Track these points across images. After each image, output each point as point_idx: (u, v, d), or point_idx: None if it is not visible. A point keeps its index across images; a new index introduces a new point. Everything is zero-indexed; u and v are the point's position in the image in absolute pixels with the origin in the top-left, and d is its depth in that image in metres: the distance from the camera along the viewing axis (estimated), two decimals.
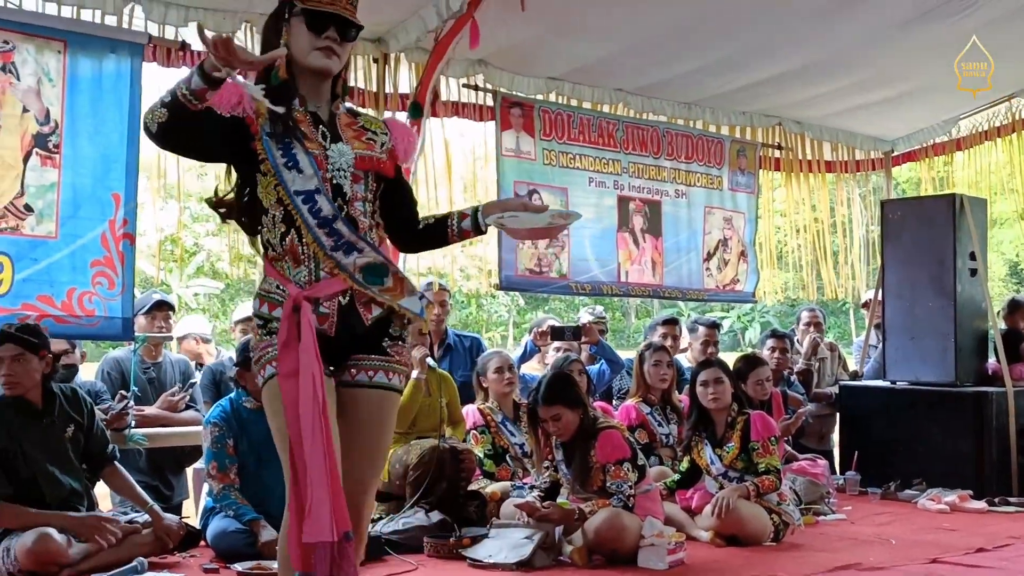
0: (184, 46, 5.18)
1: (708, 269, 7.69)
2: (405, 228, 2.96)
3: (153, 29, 5.07)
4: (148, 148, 5.05)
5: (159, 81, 5.12)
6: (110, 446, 4.44)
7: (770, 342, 6.90)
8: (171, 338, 5.14)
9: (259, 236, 2.78)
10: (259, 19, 5.28)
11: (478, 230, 2.89)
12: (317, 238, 2.69)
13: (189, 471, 5.59)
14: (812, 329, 7.44)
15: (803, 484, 5.67)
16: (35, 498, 4.07)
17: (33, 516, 3.99)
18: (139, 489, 4.44)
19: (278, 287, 2.72)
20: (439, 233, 2.95)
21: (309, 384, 2.56)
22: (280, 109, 2.63)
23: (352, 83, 5.87)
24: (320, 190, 2.69)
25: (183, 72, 5.13)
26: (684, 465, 5.22)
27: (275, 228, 2.71)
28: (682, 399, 5.88)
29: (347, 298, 2.72)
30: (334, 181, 2.71)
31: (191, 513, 5.32)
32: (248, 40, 5.38)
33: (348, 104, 2.91)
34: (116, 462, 4.45)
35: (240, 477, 4.55)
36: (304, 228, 2.70)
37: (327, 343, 2.67)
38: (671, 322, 6.89)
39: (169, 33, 5.16)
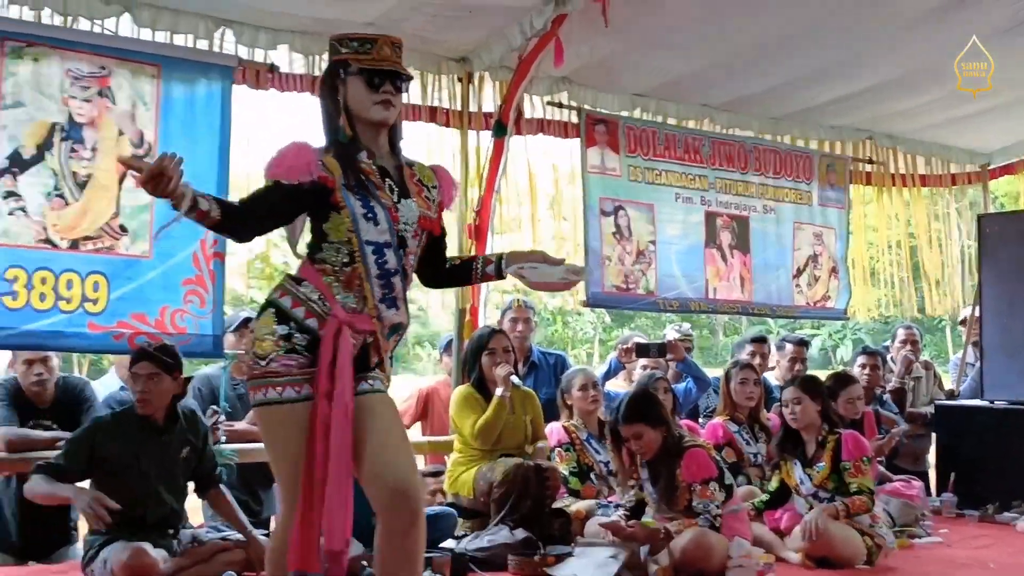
0: (272, 68, 5.28)
1: (798, 286, 7.56)
2: (435, 268, 3.23)
3: (243, 52, 5.19)
4: (237, 168, 5.21)
5: (248, 103, 5.27)
6: (218, 468, 4.53)
7: (861, 359, 6.75)
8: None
9: (306, 246, 2.99)
10: None
11: (500, 276, 3.17)
12: (372, 287, 2.92)
13: (277, 486, 5.65)
14: (907, 347, 7.26)
15: (897, 506, 5.53)
16: (137, 515, 4.16)
17: (59, 488, 4.05)
18: (241, 514, 4.50)
19: (320, 299, 2.88)
20: (463, 274, 3.28)
21: (343, 407, 2.79)
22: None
23: (436, 103, 5.95)
24: (391, 244, 2.93)
25: (272, 94, 5.29)
26: (773, 484, 5.12)
27: (338, 255, 2.92)
28: (770, 417, 5.79)
29: (371, 339, 2.95)
30: (400, 235, 2.93)
31: None
32: None
33: (404, 155, 3.10)
34: (221, 484, 4.53)
35: None
36: (364, 275, 2.91)
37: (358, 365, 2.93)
38: (759, 340, 6.80)
39: (258, 56, 5.26)
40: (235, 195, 5.15)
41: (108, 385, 5.61)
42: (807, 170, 7.59)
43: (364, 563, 4.01)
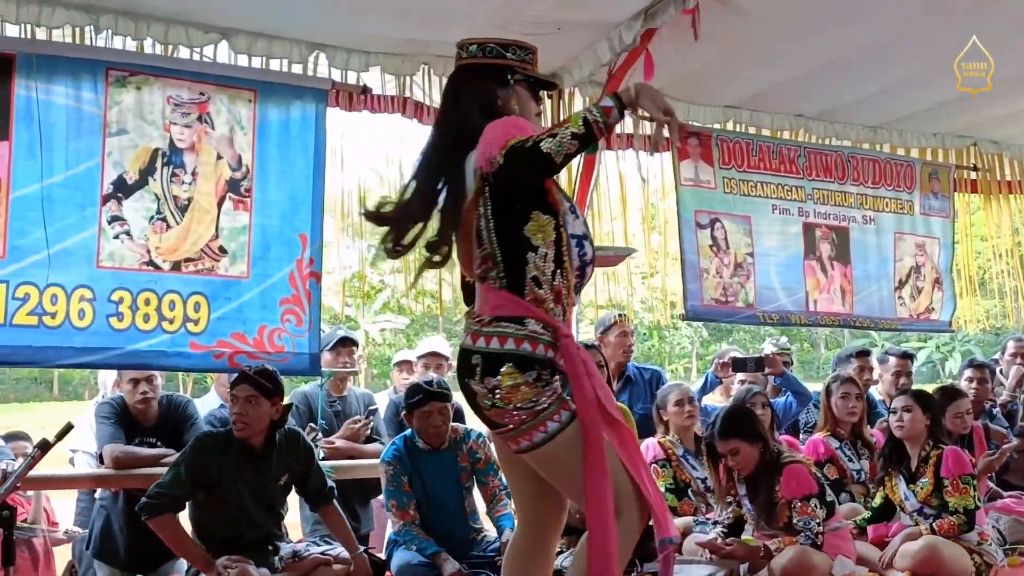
0: (365, 90, 5.36)
1: (900, 297, 7.36)
2: None
3: (336, 75, 5.29)
4: (332, 189, 5.30)
5: (341, 125, 5.36)
6: (328, 484, 4.58)
7: (968, 372, 6.53)
8: (356, 372, 5.31)
9: (495, 276, 2.83)
10: (436, 60, 5.47)
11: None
12: (571, 280, 2.86)
13: (375, 502, 5.72)
14: (1019, 359, 7.01)
15: (1008, 523, 5.33)
16: (233, 535, 4.25)
17: (186, 543, 4.19)
18: (351, 532, 4.58)
19: (544, 328, 2.78)
20: None
21: (614, 410, 2.80)
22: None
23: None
24: (588, 235, 2.91)
25: (364, 116, 5.36)
26: (877, 500, 5.00)
27: (545, 265, 2.80)
28: (874, 433, 5.64)
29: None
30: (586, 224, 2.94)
31: (377, 544, 5.44)
32: (425, 81, 5.55)
33: None
34: (334, 500, 4.59)
35: (421, 518, 4.65)
36: (569, 269, 2.84)
37: None
38: (863, 354, 6.65)
39: (351, 78, 5.35)
40: (329, 216, 5.31)
41: (209, 403, 5.77)
42: (908, 179, 7.41)
43: None
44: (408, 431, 4.83)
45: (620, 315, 6.21)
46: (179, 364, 4.77)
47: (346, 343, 5.56)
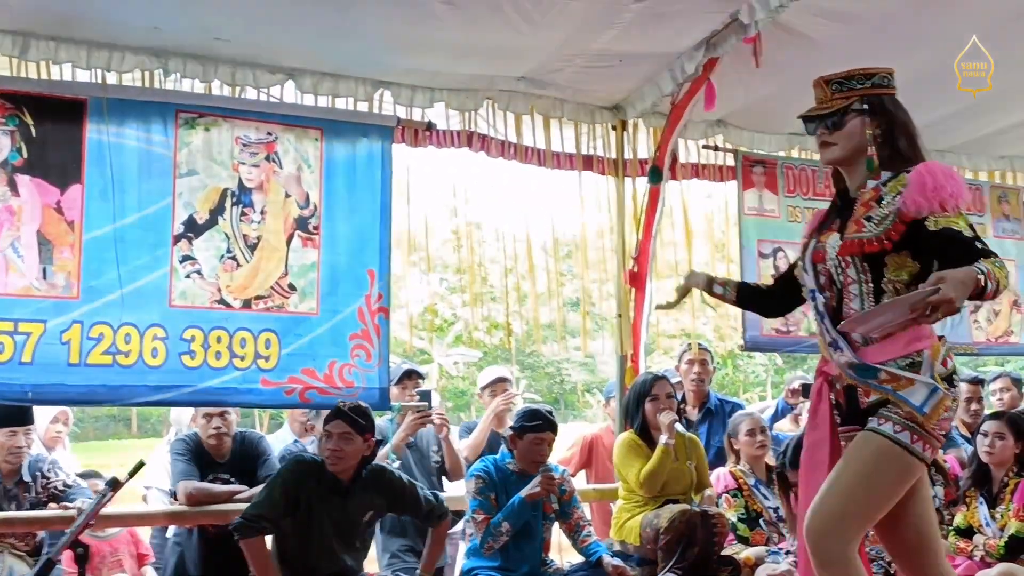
0: (430, 126, 5.41)
1: (976, 321, 7.21)
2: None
3: (401, 112, 5.34)
4: (399, 223, 5.35)
5: (407, 160, 5.42)
6: (435, 505, 4.61)
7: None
8: (424, 406, 5.31)
9: None
10: (499, 95, 5.51)
11: None
12: (820, 333, 3.03)
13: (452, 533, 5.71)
14: None
15: None
16: (311, 566, 4.28)
17: (270, 569, 4.22)
18: (437, 557, 4.69)
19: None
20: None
21: (810, 450, 2.98)
22: None
23: (592, 151, 5.98)
24: (817, 288, 2.98)
25: (430, 151, 5.42)
26: (958, 521, 4.91)
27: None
28: (947, 460, 5.53)
29: (840, 384, 2.96)
30: (829, 272, 2.93)
31: None
32: (490, 115, 5.59)
33: (887, 173, 2.95)
34: (445, 521, 4.67)
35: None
36: (816, 321, 3.05)
37: (850, 412, 2.94)
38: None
39: (416, 115, 5.41)
40: (397, 250, 5.34)
41: (282, 439, 5.81)
42: (978, 202, 7.27)
43: None
44: (498, 455, 4.87)
45: (694, 343, 6.18)
46: (250, 400, 4.82)
47: (412, 376, 5.58)
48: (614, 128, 6.01)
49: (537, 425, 4.73)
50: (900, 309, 2.47)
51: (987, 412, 6.22)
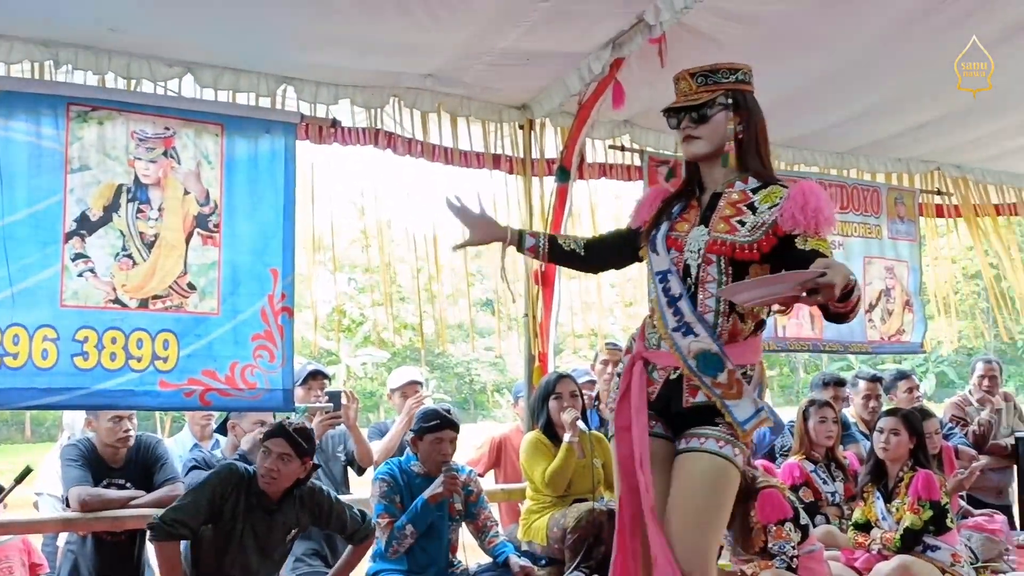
0: (335, 123, 5.32)
1: (871, 320, 7.38)
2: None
3: (305, 108, 5.24)
4: (305, 222, 5.26)
5: (312, 158, 5.33)
6: (361, 526, 4.51)
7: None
8: (330, 407, 5.23)
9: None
10: (405, 92, 5.45)
11: None
12: (663, 315, 2.90)
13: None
14: (987, 381, 7.08)
15: (980, 541, 5.39)
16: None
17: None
18: (346, 571, 4.58)
19: (632, 339, 3.07)
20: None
21: (627, 447, 2.86)
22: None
23: (499, 150, 5.95)
24: (672, 271, 2.90)
25: (335, 149, 5.34)
26: (856, 517, 5.03)
27: (649, 295, 3.03)
28: (846, 455, 5.67)
29: (676, 374, 2.88)
30: (686, 263, 2.87)
31: None
32: (397, 112, 5.53)
33: (754, 180, 2.95)
34: (365, 541, 4.56)
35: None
36: (656, 303, 2.93)
37: (666, 408, 2.90)
38: (838, 383, 6.68)
39: (320, 112, 5.31)
40: (304, 250, 5.25)
41: (182, 442, 5.67)
42: (875, 204, 7.45)
43: None
44: (402, 457, 4.82)
45: (607, 344, 6.20)
46: (148, 403, 4.67)
47: (317, 377, 5.49)
48: (522, 127, 6.00)
49: (435, 425, 4.70)
50: (788, 284, 2.46)
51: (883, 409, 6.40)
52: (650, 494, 2.78)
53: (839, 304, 2.50)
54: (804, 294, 2.40)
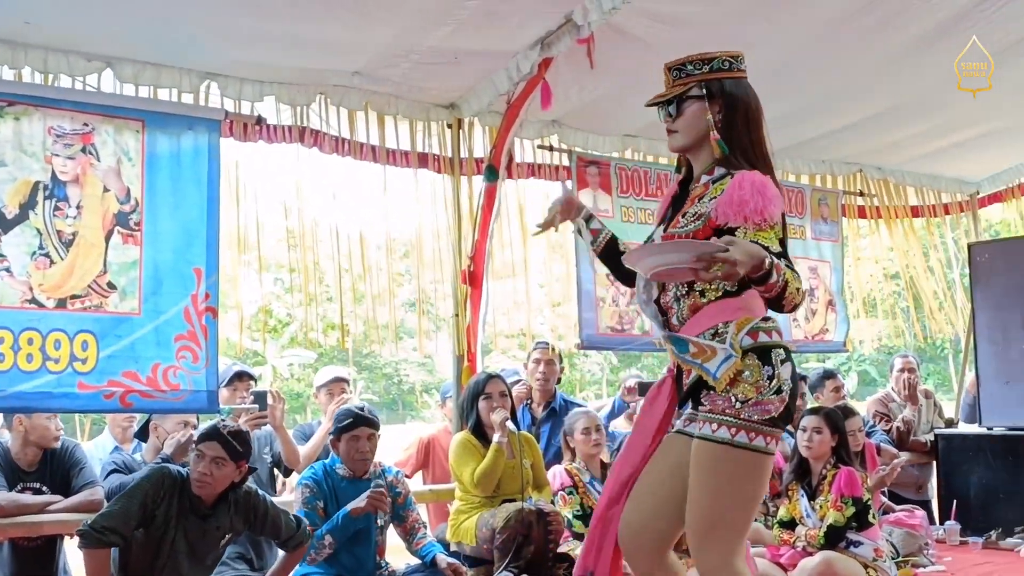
0: (260, 120, 5.25)
1: (795, 319, 7.49)
2: None
3: (229, 105, 5.16)
4: (229, 221, 5.17)
5: (237, 155, 5.25)
6: (296, 533, 4.38)
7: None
8: (256, 408, 5.15)
9: None
10: (332, 90, 5.39)
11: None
12: (647, 314, 3.00)
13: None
14: (906, 374, 7.24)
15: (900, 536, 5.51)
16: None
17: None
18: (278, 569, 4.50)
19: None
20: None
21: (638, 447, 2.99)
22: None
23: (427, 149, 5.92)
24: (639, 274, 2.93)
25: (260, 146, 5.26)
26: (782, 514, 5.10)
27: None
28: None
29: (676, 367, 2.93)
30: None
31: None
32: (323, 110, 5.46)
33: (721, 169, 2.90)
34: (302, 546, 4.43)
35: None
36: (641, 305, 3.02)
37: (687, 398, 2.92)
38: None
39: (245, 108, 5.23)
40: (225, 249, 5.17)
41: (102, 445, 5.54)
42: (799, 205, 7.57)
43: None
44: (328, 459, 4.75)
45: (540, 342, 6.21)
46: (66, 405, 4.56)
47: (242, 378, 5.41)
48: (450, 126, 5.98)
49: (349, 423, 4.65)
50: (685, 252, 2.46)
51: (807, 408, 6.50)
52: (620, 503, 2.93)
53: (759, 286, 2.55)
54: (707, 266, 2.42)
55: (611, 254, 3.24)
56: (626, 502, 2.93)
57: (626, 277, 3.20)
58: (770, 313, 2.82)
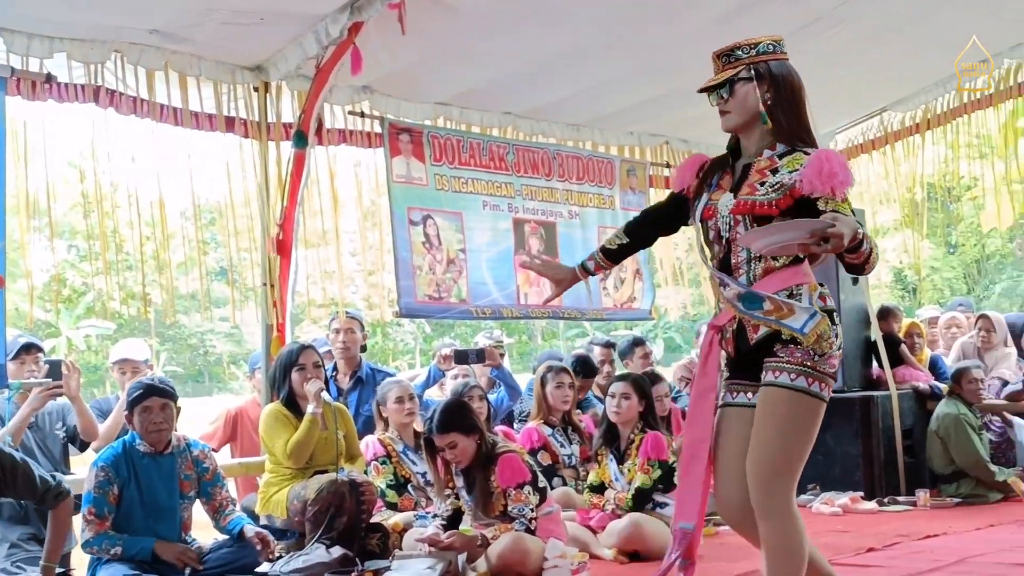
0: (50, 78, 4.96)
1: (605, 288, 7.67)
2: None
3: (16, 62, 4.85)
4: (16, 184, 4.88)
5: (24, 115, 4.94)
6: (51, 487, 4.07)
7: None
8: (48, 381, 4.89)
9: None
10: (128, 48, 5.16)
11: None
12: (712, 277, 3.22)
13: (77, 519, 5.31)
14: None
15: None
16: None
17: None
18: (62, 543, 4.25)
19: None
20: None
21: (707, 402, 3.14)
22: None
23: (233, 113, 5.74)
24: (707, 243, 3.19)
25: (51, 106, 4.98)
26: (592, 479, 5.22)
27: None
28: (582, 419, 5.88)
29: (736, 324, 3.09)
30: (719, 227, 3.11)
31: (78, 564, 5.06)
32: (119, 69, 5.21)
33: (782, 146, 3.09)
34: (64, 504, 4.14)
35: (128, 525, 4.39)
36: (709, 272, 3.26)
37: (743, 358, 3.10)
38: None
39: (33, 65, 4.92)
40: (12, 215, 4.87)
41: None
42: (609, 175, 7.73)
43: None
44: (128, 436, 4.54)
45: (342, 312, 6.13)
46: None
47: (31, 350, 5.11)
48: (256, 89, 5.81)
49: (139, 395, 4.44)
50: (801, 231, 2.70)
51: (617, 373, 6.68)
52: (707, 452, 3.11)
53: (851, 255, 2.80)
54: (820, 241, 2.67)
55: (615, 255, 3.51)
56: (715, 481, 3.13)
57: (638, 247, 3.55)
58: None
